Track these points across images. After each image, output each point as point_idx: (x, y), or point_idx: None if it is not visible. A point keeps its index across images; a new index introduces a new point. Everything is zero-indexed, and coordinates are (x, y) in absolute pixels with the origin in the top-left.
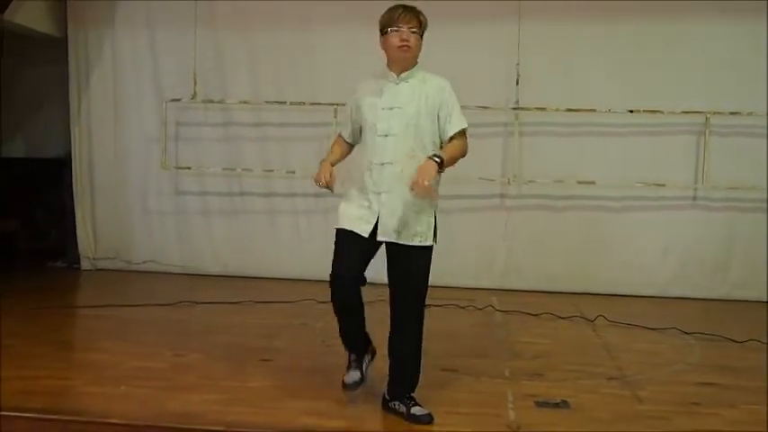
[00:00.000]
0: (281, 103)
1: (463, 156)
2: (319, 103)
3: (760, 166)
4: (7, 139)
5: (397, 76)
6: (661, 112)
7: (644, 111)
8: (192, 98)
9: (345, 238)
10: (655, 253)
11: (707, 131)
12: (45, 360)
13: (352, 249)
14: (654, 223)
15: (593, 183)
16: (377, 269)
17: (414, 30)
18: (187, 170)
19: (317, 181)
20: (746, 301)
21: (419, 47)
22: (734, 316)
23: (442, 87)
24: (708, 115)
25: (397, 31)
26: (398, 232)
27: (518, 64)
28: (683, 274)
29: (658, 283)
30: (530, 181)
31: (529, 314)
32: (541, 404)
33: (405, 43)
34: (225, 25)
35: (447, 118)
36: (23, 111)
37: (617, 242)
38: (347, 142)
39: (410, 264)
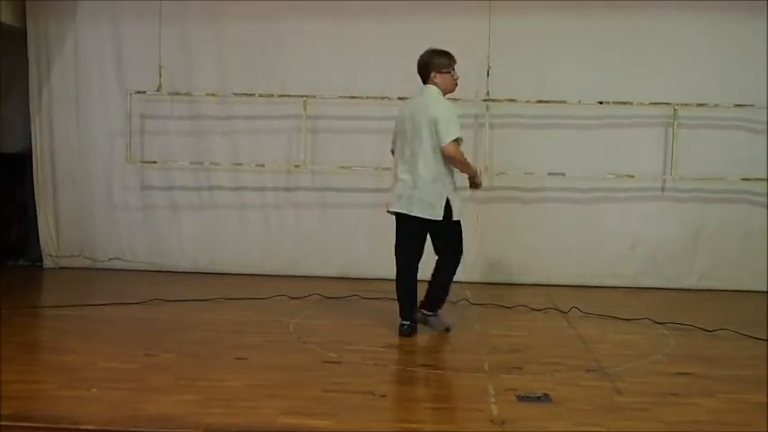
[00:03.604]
0: (250, 95)
1: None
2: (288, 95)
3: (726, 157)
4: None
5: None
6: (630, 103)
7: (613, 102)
8: (158, 90)
9: None
10: (624, 244)
11: (675, 123)
12: (14, 363)
13: None
14: (623, 214)
15: (563, 174)
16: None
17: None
18: (153, 164)
19: None
20: (713, 290)
21: None
22: (702, 305)
23: None
24: (676, 107)
25: (451, 72)
26: None
27: (489, 56)
28: (651, 264)
29: (628, 274)
30: (501, 173)
31: (503, 307)
32: (523, 398)
33: (457, 80)
34: (191, 16)
35: None
36: None
37: (587, 234)
38: None
39: None
